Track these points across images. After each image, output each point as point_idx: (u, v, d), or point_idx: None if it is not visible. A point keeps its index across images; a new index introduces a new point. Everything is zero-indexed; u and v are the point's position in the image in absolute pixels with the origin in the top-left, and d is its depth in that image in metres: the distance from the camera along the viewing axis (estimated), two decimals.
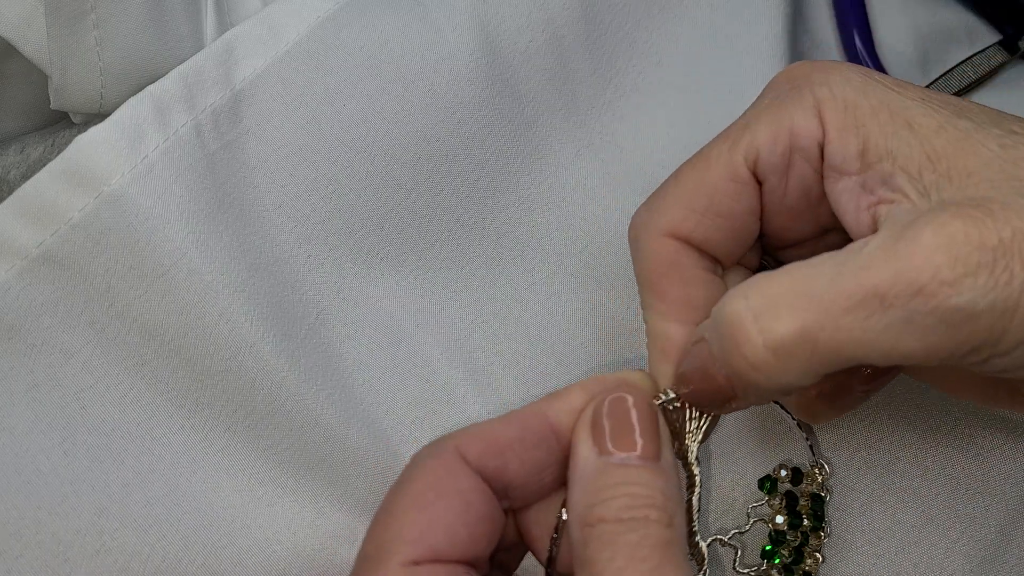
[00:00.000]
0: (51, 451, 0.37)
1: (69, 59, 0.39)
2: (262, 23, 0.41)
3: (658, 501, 0.31)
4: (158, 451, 0.38)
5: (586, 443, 0.32)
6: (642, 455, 0.32)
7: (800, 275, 0.31)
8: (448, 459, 0.33)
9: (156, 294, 0.37)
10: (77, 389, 0.38)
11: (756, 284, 0.31)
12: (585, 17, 0.46)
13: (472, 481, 0.32)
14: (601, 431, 0.32)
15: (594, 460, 0.32)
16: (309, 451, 0.39)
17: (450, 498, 0.32)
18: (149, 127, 0.37)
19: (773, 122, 0.34)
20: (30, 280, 0.37)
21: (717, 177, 0.35)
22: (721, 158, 0.35)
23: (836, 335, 0.30)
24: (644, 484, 0.31)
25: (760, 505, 0.41)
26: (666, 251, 0.35)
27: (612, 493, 0.31)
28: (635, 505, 0.31)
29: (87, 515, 0.37)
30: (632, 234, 0.37)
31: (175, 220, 0.37)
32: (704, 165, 0.35)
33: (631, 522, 0.31)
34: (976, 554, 0.41)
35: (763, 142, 0.34)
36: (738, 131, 0.35)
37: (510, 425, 0.34)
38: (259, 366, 0.38)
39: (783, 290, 0.30)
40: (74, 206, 0.36)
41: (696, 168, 0.36)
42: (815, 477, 0.41)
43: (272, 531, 0.39)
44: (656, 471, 0.32)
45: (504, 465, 0.33)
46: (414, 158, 0.42)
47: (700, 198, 0.35)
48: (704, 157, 0.36)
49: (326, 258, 0.41)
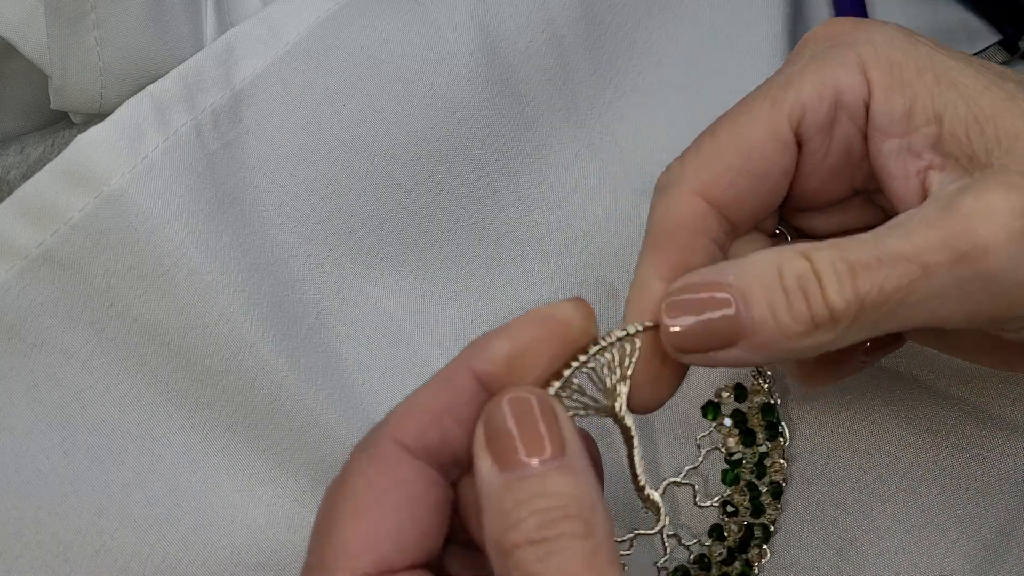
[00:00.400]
0: (51, 451, 0.37)
1: (69, 59, 0.39)
2: (262, 23, 0.41)
3: (571, 509, 0.28)
4: (158, 451, 0.38)
5: (485, 460, 0.29)
6: (549, 456, 0.29)
7: (851, 244, 0.31)
8: (384, 450, 0.30)
9: (156, 294, 0.37)
10: (77, 389, 0.38)
11: (805, 248, 0.31)
12: (585, 17, 0.46)
13: (414, 469, 0.30)
14: (497, 444, 0.29)
15: (496, 478, 0.29)
16: (309, 451, 0.39)
17: (393, 495, 0.29)
18: (149, 127, 0.37)
19: (817, 80, 0.33)
20: (30, 280, 0.37)
21: (758, 136, 0.34)
22: (762, 116, 0.34)
23: (881, 301, 0.30)
24: (552, 494, 0.28)
25: (708, 434, 0.40)
26: (689, 211, 0.34)
27: (520, 513, 0.28)
28: (547, 521, 0.28)
29: (87, 515, 0.37)
30: (661, 182, 0.35)
31: (175, 220, 0.37)
32: (744, 122, 0.34)
33: (547, 543, 0.28)
34: (976, 554, 0.41)
35: (808, 100, 0.33)
36: (779, 89, 0.34)
37: (438, 390, 0.31)
38: (259, 366, 0.38)
39: (834, 256, 0.30)
40: (74, 206, 0.36)
41: (736, 125, 0.34)
42: (760, 386, 0.40)
43: (272, 531, 0.39)
44: (563, 472, 0.29)
45: (445, 434, 0.30)
46: (414, 158, 0.42)
47: (738, 157, 0.34)
48: (743, 114, 0.34)
49: (326, 258, 0.41)
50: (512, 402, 0.30)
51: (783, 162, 0.34)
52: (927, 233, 0.30)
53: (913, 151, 0.33)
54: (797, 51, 0.36)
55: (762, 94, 0.34)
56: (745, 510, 0.40)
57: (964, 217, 0.29)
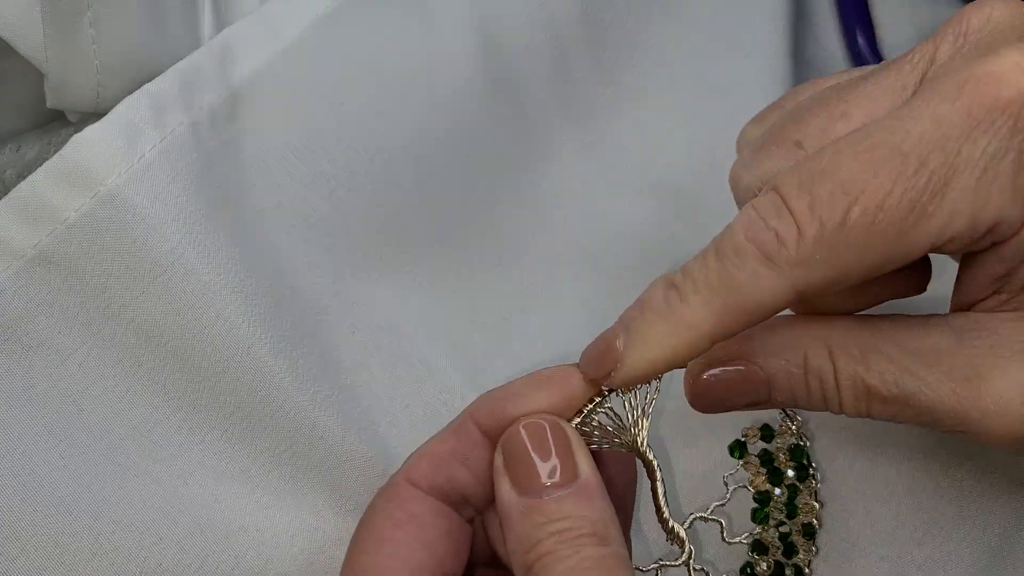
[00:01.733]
0: (47, 452, 0.37)
1: (65, 58, 0.39)
2: (260, 21, 0.41)
3: (586, 528, 0.31)
4: (155, 453, 0.38)
5: (504, 484, 0.32)
6: (561, 481, 0.32)
7: (876, 358, 0.32)
8: (397, 489, 0.34)
9: (153, 295, 0.37)
10: (73, 390, 0.38)
11: (831, 343, 0.33)
12: (586, 16, 0.46)
13: (424, 503, 0.33)
14: (515, 470, 0.32)
15: (516, 502, 0.32)
16: (307, 454, 0.39)
17: (405, 526, 0.33)
18: (146, 126, 0.37)
19: (977, 205, 0.29)
20: (26, 281, 0.37)
21: (889, 255, 0.30)
22: (897, 231, 0.29)
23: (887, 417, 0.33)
24: (570, 516, 0.31)
25: (735, 472, 0.40)
26: (777, 308, 0.31)
27: (540, 534, 0.31)
28: (564, 541, 0.31)
29: (83, 517, 0.37)
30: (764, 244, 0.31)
31: (172, 220, 0.37)
32: (875, 234, 0.30)
33: (565, 548, 0.31)
34: (980, 558, 0.41)
35: (962, 227, 0.29)
36: (929, 195, 0.29)
37: (446, 438, 0.34)
38: (257, 367, 0.37)
39: (856, 373, 0.32)
40: (70, 206, 0.36)
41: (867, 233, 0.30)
42: (788, 427, 0.40)
43: (269, 534, 0.38)
44: (577, 495, 0.32)
45: (451, 475, 0.34)
46: (413, 157, 0.42)
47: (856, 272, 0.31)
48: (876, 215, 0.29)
49: (323, 258, 0.41)
50: (528, 428, 0.33)
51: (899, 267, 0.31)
52: (945, 395, 0.31)
53: (1008, 279, 0.32)
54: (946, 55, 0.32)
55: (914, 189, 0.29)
56: (776, 548, 0.40)
57: (976, 384, 0.31)
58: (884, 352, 0.32)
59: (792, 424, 0.40)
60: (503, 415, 0.34)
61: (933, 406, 0.31)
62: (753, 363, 0.33)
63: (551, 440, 0.33)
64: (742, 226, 0.31)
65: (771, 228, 0.30)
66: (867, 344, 0.32)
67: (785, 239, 0.30)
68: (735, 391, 0.34)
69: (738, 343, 0.33)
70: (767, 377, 0.33)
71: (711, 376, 0.34)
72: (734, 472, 0.40)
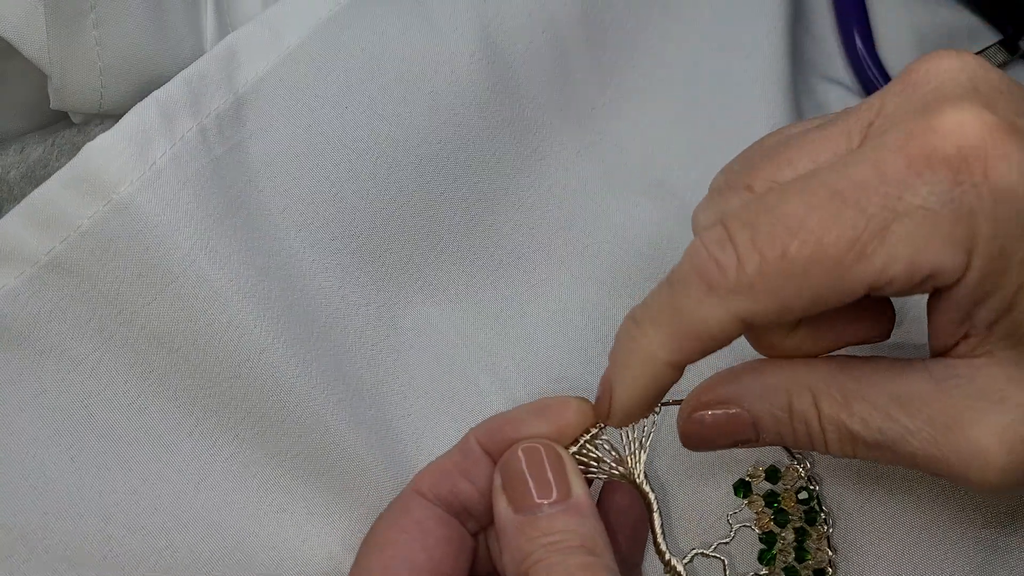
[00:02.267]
0: (58, 457, 0.37)
1: (69, 59, 0.39)
2: (264, 26, 0.41)
3: (576, 540, 0.33)
4: (166, 458, 0.38)
5: (502, 501, 0.35)
6: (556, 500, 0.34)
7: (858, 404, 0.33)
8: (405, 497, 0.37)
9: (165, 301, 0.37)
10: (85, 395, 0.38)
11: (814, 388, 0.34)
12: (586, 18, 0.46)
13: (427, 510, 0.36)
14: (511, 488, 0.35)
15: (512, 520, 0.34)
16: (318, 457, 0.39)
17: (407, 530, 0.36)
18: (156, 133, 0.37)
19: (917, 248, 0.30)
20: (39, 287, 0.37)
21: (827, 291, 0.30)
22: (837, 269, 0.30)
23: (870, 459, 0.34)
24: (561, 530, 0.34)
25: (739, 511, 0.40)
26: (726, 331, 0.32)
27: (532, 547, 0.33)
28: (555, 551, 0.33)
29: (94, 521, 0.37)
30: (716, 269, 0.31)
31: (183, 227, 0.37)
32: (815, 268, 0.30)
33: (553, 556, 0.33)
34: (976, 556, 0.41)
35: (900, 270, 0.30)
36: (868, 236, 0.30)
37: (451, 455, 0.37)
38: (268, 372, 0.38)
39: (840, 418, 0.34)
40: (83, 213, 0.36)
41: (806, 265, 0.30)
42: (796, 471, 0.40)
43: (280, 538, 0.39)
44: (569, 513, 0.34)
45: (454, 487, 0.36)
46: (415, 160, 0.42)
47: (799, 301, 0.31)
48: (815, 250, 0.30)
49: (330, 262, 0.41)
50: (525, 451, 0.35)
51: (837, 305, 0.32)
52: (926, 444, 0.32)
53: (969, 323, 0.32)
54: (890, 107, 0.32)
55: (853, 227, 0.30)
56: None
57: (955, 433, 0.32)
58: (867, 398, 0.33)
59: (800, 467, 0.40)
60: (503, 437, 0.36)
61: (915, 453, 0.32)
62: (740, 407, 0.35)
63: (546, 462, 0.35)
64: (689, 257, 0.32)
65: (713, 258, 0.31)
66: (850, 389, 0.33)
67: (726, 268, 0.31)
68: (723, 432, 0.35)
69: (725, 386, 0.35)
70: (753, 420, 0.35)
71: (700, 417, 0.35)
72: (738, 511, 0.40)
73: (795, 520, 0.40)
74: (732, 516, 0.40)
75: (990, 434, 0.31)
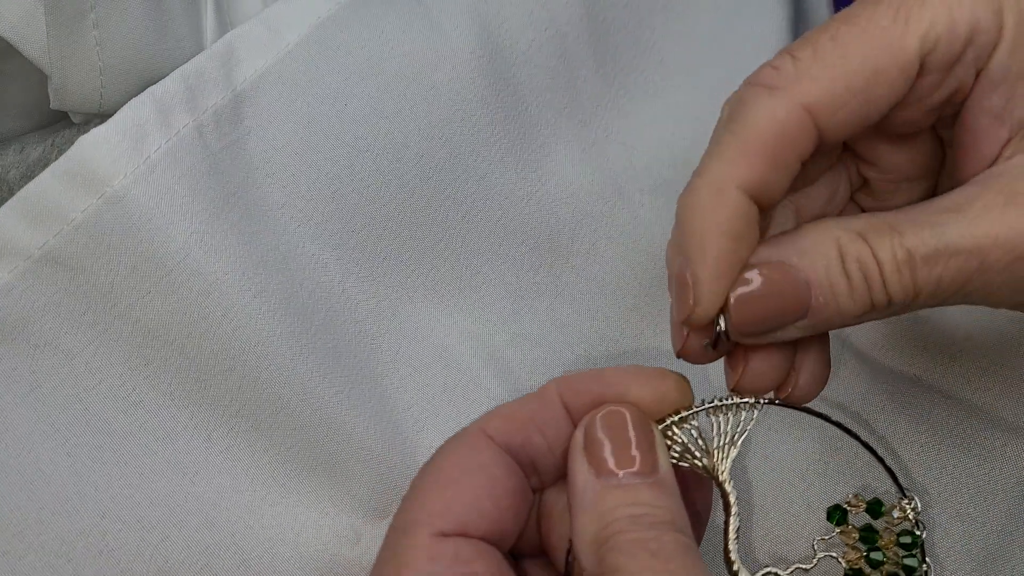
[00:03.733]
0: (54, 452, 0.37)
1: (69, 59, 0.39)
2: (263, 24, 0.41)
3: (666, 516, 0.31)
4: (161, 452, 0.38)
5: (582, 466, 0.32)
6: (639, 471, 0.32)
7: (910, 227, 0.31)
8: (472, 438, 0.33)
9: (159, 294, 0.37)
10: (80, 390, 0.38)
11: (863, 227, 0.32)
12: (588, 15, 0.46)
13: (496, 455, 0.33)
14: (595, 451, 0.32)
15: (593, 483, 0.32)
16: (314, 450, 0.39)
17: (474, 473, 0.32)
18: (151, 128, 0.37)
19: (955, 9, 0.31)
20: (33, 281, 0.37)
21: (886, 60, 0.31)
22: (893, 38, 0.31)
23: (938, 291, 0.31)
24: (646, 503, 0.31)
25: (830, 538, 0.36)
26: (795, 124, 0.31)
27: (616, 515, 0.31)
28: (639, 525, 0.31)
29: (90, 516, 0.37)
30: (769, 79, 0.32)
31: (178, 220, 0.37)
32: (871, 39, 0.31)
33: (642, 530, 0.30)
34: (978, 554, 0.41)
35: (943, 32, 0.31)
36: (914, 7, 0.31)
37: (526, 403, 0.34)
38: (264, 365, 0.38)
39: (895, 244, 0.31)
40: (77, 207, 0.36)
41: (863, 38, 0.31)
42: (903, 510, 0.36)
43: (276, 531, 0.39)
44: (656, 487, 0.32)
45: (527, 439, 0.33)
46: (416, 157, 0.42)
47: (860, 79, 0.31)
48: (872, 26, 0.31)
49: (329, 258, 0.41)
50: (615, 414, 0.33)
51: (899, 92, 0.32)
52: (988, 226, 0.30)
53: (1004, 116, 0.32)
54: None
55: (893, 5, 0.32)
56: None
57: (1016, 216, 0.30)
58: (914, 219, 0.31)
59: (909, 506, 0.36)
60: (590, 395, 0.33)
61: (981, 246, 0.30)
62: (788, 263, 0.32)
63: (634, 431, 0.32)
64: (750, 77, 0.32)
65: (770, 65, 0.32)
66: (895, 220, 0.32)
67: (782, 65, 0.31)
68: (775, 300, 0.32)
69: (768, 249, 0.32)
70: (805, 278, 0.32)
71: (749, 289, 0.32)
72: (827, 538, 0.36)
73: (889, 564, 0.36)
74: (819, 542, 0.37)
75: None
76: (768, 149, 0.31)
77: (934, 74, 0.32)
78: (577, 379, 0.34)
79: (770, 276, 0.32)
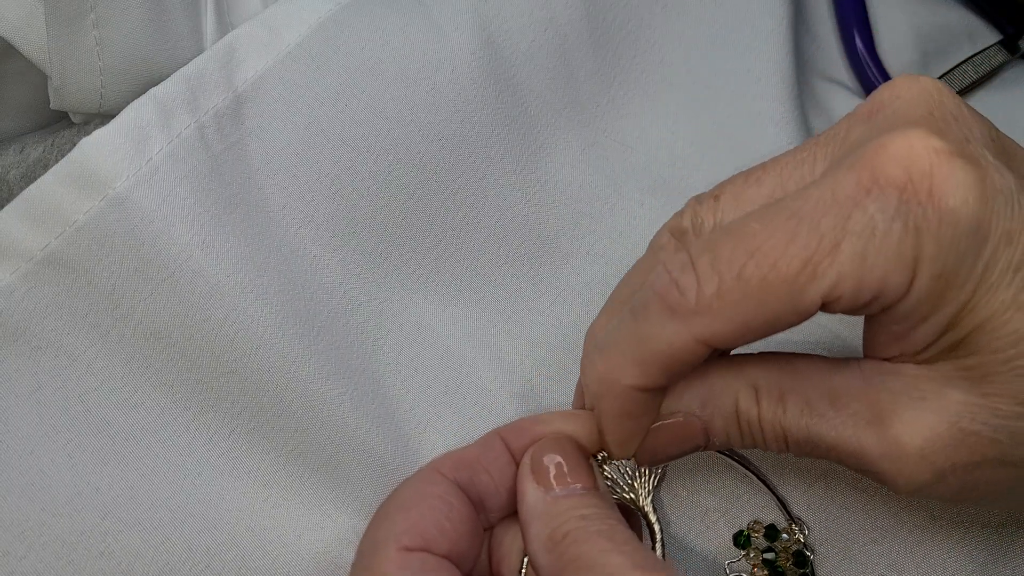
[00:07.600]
0: (55, 453, 0.37)
1: (69, 59, 0.39)
2: (263, 25, 0.41)
3: (609, 515, 0.34)
4: (163, 453, 0.38)
5: (531, 486, 0.35)
6: (583, 486, 0.35)
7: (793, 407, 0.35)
8: (428, 474, 0.37)
9: (161, 296, 0.37)
10: (81, 391, 0.38)
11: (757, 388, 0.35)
12: (588, 16, 0.46)
13: (449, 487, 0.36)
14: (542, 473, 0.35)
15: (542, 497, 0.35)
16: (315, 453, 0.39)
17: (433, 499, 0.36)
18: (153, 129, 0.37)
19: (864, 268, 0.30)
20: (35, 282, 0.37)
21: (784, 309, 0.31)
22: (790, 289, 0.31)
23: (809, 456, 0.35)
24: (593, 506, 0.34)
25: (737, 561, 0.41)
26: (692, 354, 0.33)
27: (567, 517, 0.34)
28: (593, 519, 0.33)
29: (91, 517, 0.37)
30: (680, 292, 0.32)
31: (180, 222, 0.37)
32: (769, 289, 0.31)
33: (594, 523, 0.33)
34: (979, 555, 0.41)
35: (848, 288, 0.30)
36: (818, 260, 0.30)
37: (473, 447, 0.38)
38: (266, 367, 0.38)
39: (776, 420, 0.35)
40: (79, 209, 0.36)
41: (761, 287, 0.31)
42: (793, 534, 0.41)
43: (276, 533, 0.39)
44: (599, 496, 0.35)
45: (475, 476, 0.37)
46: (417, 158, 0.42)
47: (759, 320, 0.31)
48: (774, 264, 0.31)
49: (331, 259, 0.41)
50: (556, 439, 0.36)
51: (797, 324, 0.32)
52: (849, 436, 0.33)
53: (901, 338, 0.33)
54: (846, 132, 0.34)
55: (809, 248, 0.30)
56: None
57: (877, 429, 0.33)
58: (800, 393, 0.34)
59: (797, 532, 0.41)
60: (530, 436, 0.37)
61: (838, 446, 0.33)
62: (691, 414, 0.35)
63: (574, 454, 0.36)
64: (651, 281, 0.33)
65: (675, 281, 0.32)
66: (786, 386, 0.34)
67: (686, 291, 0.31)
68: (676, 441, 0.36)
69: (675, 396, 0.35)
70: (704, 425, 0.35)
71: (654, 428, 0.35)
72: (735, 561, 0.41)
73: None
74: (730, 565, 0.41)
75: (908, 430, 0.32)
76: (661, 364, 0.33)
77: (834, 310, 0.32)
78: (517, 424, 0.38)
79: (673, 427, 0.35)
